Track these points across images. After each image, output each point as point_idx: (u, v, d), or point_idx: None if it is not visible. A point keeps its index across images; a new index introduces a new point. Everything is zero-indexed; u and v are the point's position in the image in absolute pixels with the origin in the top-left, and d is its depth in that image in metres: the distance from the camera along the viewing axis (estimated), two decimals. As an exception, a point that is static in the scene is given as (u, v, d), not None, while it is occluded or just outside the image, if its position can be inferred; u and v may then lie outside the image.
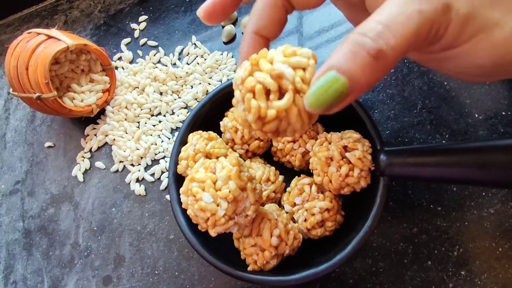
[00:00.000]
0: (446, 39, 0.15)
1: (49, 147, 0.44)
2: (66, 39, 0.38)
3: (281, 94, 0.16)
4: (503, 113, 0.36)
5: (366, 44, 0.13)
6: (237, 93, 0.18)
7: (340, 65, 0.14)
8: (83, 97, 0.42)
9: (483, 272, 0.30)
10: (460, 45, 0.16)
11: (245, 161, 0.34)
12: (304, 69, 0.16)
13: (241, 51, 0.21)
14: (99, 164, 0.42)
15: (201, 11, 0.21)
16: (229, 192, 0.23)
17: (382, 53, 0.13)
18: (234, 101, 0.18)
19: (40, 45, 0.37)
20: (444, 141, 0.36)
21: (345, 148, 0.27)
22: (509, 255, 0.30)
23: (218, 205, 0.23)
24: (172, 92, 0.44)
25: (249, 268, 0.27)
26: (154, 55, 0.48)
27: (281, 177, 0.33)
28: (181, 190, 0.24)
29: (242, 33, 0.47)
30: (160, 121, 0.43)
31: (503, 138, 0.30)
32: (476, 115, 0.36)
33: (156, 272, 0.35)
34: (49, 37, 0.38)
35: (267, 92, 0.16)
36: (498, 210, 0.32)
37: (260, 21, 0.20)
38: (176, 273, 0.35)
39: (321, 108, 0.15)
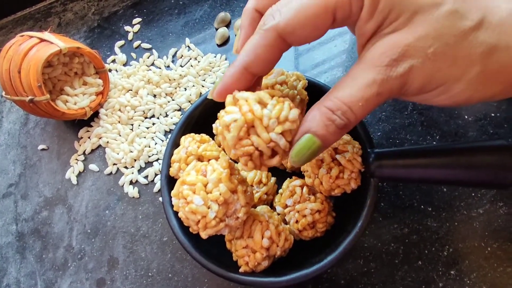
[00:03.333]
0: (408, 95, 0.19)
1: (43, 149, 0.44)
2: (58, 42, 0.38)
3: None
4: (492, 114, 0.36)
5: (335, 120, 0.18)
6: (229, 140, 0.19)
7: (316, 132, 0.18)
8: (76, 100, 0.42)
9: (472, 271, 0.31)
10: (424, 94, 0.19)
11: (237, 163, 0.34)
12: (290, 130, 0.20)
13: (226, 81, 0.20)
14: (92, 166, 0.42)
15: (214, 93, 0.21)
16: (220, 194, 0.23)
17: (346, 125, 0.18)
18: (220, 134, 0.20)
19: (33, 48, 0.37)
20: (434, 142, 0.36)
21: (336, 150, 0.28)
22: (498, 255, 0.31)
23: (208, 208, 0.23)
24: (166, 94, 0.44)
25: (241, 270, 0.27)
26: (148, 58, 0.48)
27: (273, 179, 0.33)
28: (172, 192, 0.25)
29: (235, 35, 0.47)
30: (153, 124, 0.43)
31: (492, 139, 0.31)
32: (466, 117, 0.37)
33: (150, 274, 0.35)
34: (42, 40, 0.38)
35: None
36: (487, 210, 0.32)
37: (252, 60, 0.20)
38: (170, 275, 0.35)
39: (301, 163, 0.19)
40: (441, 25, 0.17)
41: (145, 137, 0.42)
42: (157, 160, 0.41)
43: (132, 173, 0.40)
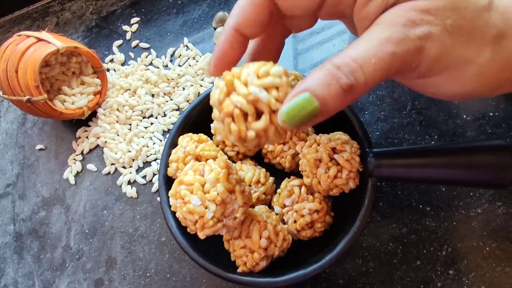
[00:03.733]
0: (419, 71, 0.17)
1: (41, 149, 0.44)
2: (56, 42, 0.38)
3: (257, 113, 0.17)
4: (491, 114, 0.36)
5: (340, 79, 0.15)
6: (215, 112, 0.18)
7: (316, 91, 0.15)
8: (74, 99, 0.41)
9: (470, 271, 0.31)
10: (434, 76, 0.17)
11: (235, 163, 0.34)
12: (277, 88, 0.17)
13: (216, 47, 0.20)
14: (90, 166, 0.42)
15: (210, 67, 0.20)
16: (217, 194, 0.23)
17: (353, 88, 0.15)
18: (214, 116, 0.19)
19: (30, 47, 0.37)
20: (433, 142, 0.36)
21: (334, 149, 0.27)
22: (496, 254, 0.31)
23: (206, 208, 0.23)
24: (164, 94, 0.44)
25: (239, 270, 0.27)
26: (146, 57, 0.48)
27: (271, 179, 0.33)
28: (170, 192, 0.24)
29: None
30: (151, 123, 0.43)
31: (490, 139, 0.31)
32: (465, 116, 0.37)
33: (148, 274, 0.35)
34: (39, 39, 0.38)
35: (245, 114, 0.17)
36: (485, 210, 0.32)
37: (241, 20, 0.19)
38: (168, 275, 0.35)
39: (292, 125, 0.16)
40: None
41: (143, 137, 0.42)
42: (155, 160, 0.41)
43: (130, 173, 0.40)
